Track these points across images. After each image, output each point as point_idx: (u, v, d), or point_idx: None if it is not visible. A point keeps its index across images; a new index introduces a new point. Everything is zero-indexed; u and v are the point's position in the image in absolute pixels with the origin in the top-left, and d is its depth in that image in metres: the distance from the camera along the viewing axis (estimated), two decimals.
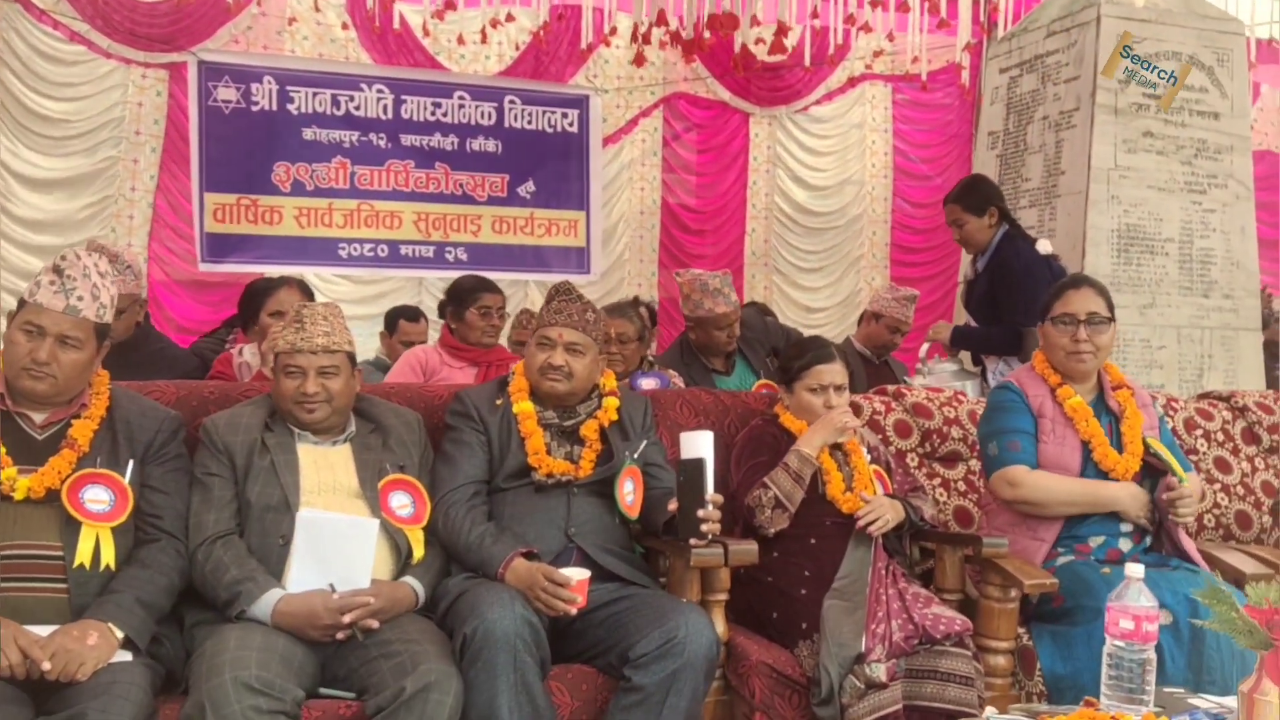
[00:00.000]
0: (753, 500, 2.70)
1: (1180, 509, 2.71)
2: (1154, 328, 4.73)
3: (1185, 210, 4.79)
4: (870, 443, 2.99)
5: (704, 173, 7.59)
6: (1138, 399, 2.95)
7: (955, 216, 4.16)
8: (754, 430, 2.91)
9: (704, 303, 3.94)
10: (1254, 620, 1.72)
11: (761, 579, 2.68)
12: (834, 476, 2.77)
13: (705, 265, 7.52)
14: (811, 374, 2.84)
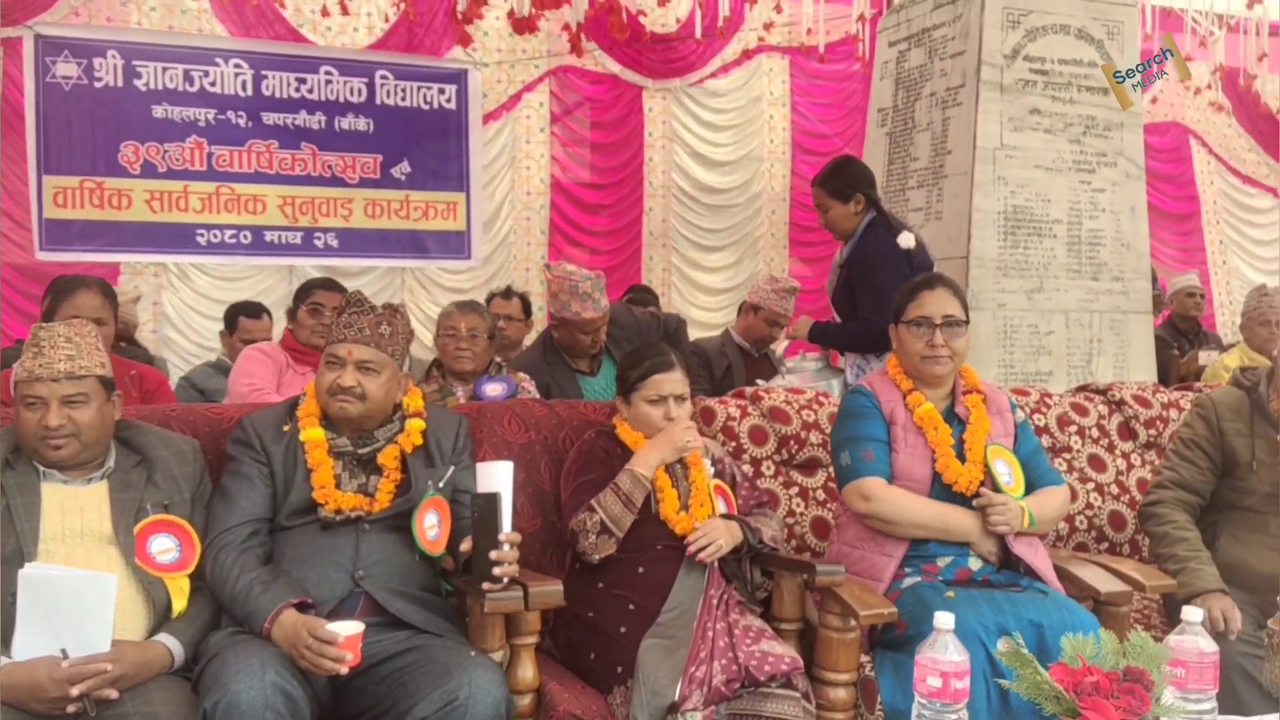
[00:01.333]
0: (577, 525, 2.49)
1: (992, 516, 2.55)
2: (1042, 312, 4.57)
3: (1073, 190, 4.64)
4: (715, 454, 2.79)
5: (597, 149, 7.28)
6: (991, 405, 2.77)
7: (820, 201, 3.96)
8: (585, 445, 2.69)
9: (571, 304, 3.71)
10: (1060, 686, 1.52)
11: (582, 615, 2.45)
12: (668, 495, 2.57)
13: (602, 244, 7.29)
14: (649, 384, 2.64)
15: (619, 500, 2.48)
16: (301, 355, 3.72)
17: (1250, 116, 8.53)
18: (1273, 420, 2.88)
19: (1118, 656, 1.59)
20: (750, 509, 2.72)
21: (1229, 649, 2.55)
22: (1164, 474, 3.00)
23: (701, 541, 2.47)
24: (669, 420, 2.63)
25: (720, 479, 2.72)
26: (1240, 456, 2.88)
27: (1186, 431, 3.01)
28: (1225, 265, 8.93)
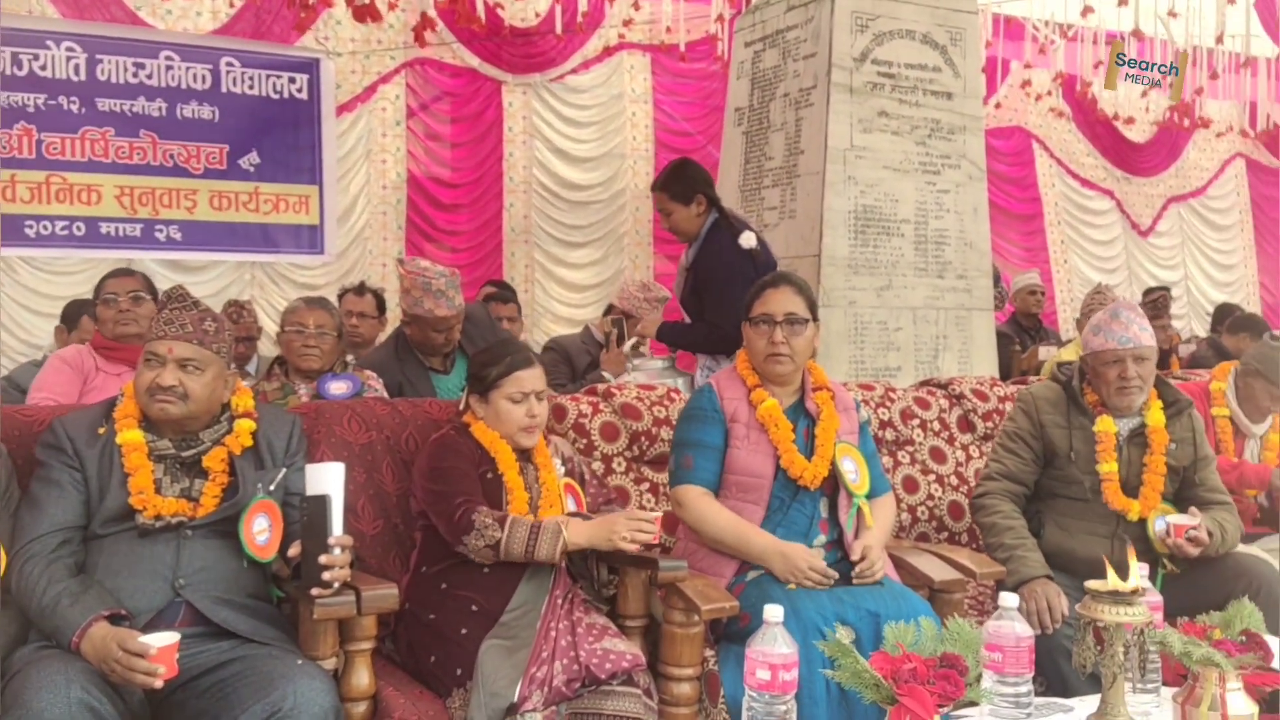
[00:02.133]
0: (479, 521, 2.36)
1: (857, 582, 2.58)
2: (891, 309, 4.69)
3: (920, 191, 4.76)
4: (565, 453, 2.76)
5: (457, 144, 7.16)
6: (839, 402, 2.82)
7: (662, 205, 3.96)
8: (446, 438, 2.58)
9: (424, 301, 3.62)
10: (879, 674, 1.55)
11: (423, 617, 2.39)
12: (518, 496, 2.51)
13: (460, 242, 7.17)
14: (511, 381, 2.57)
15: (524, 544, 2.36)
16: (113, 353, 3.51)
17: (1089, 122, 8.96)
18: (1087, 412, 3.02)
19: (936, 643, 1.63)
20: (598, 506, 2.70)
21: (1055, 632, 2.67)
22: (991, 466, 3.11)
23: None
24: (531, 417, 2.57)
25: (570, 477, 2.69)
26: (1060, 447, 3.02)
27: (1010, 425, 3.14)
28: (1066, 264, 9.36)
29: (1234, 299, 9.49)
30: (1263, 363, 3.61)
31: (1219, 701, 1.71)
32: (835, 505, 2.71)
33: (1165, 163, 9.65)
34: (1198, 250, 10.08)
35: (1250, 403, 3.65)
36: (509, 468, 2.53)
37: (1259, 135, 8.99)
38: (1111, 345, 2.96)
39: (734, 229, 3.86)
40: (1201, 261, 10.08)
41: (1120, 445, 2.98)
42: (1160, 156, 9.60)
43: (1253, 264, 10.38)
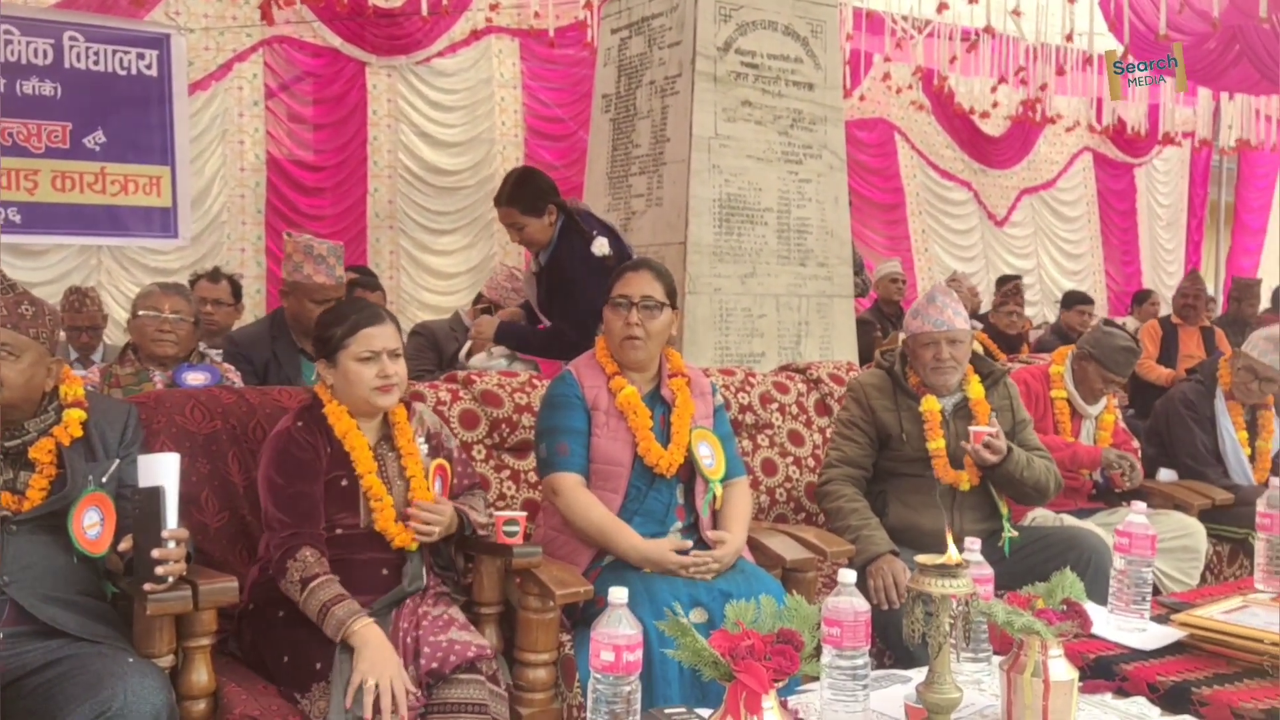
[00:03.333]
0: (289, 571, 2.20)
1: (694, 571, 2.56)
2: (755, 296, 4.76)
3: (783, 180, 4.84)
4: (431, 426, 2.59)
5: (319, 126, 6.97)
6: (695, 387, 2.85)
7: (512, 220, 3.81)
8: (281, 442, 2.35)
9: (304, 266, 3.52)
10: (718, 652, 1.57)
11: (270, 615, 2.30)
12: (384, 504, 2.35)
13: (324, 227, 6.97)
14: (360, 339, 2.37)
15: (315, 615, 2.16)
16: None
17: (947, 116, 9.26)
18: (912, 393, 3.17)
19: (775, 620, 1.67)
20: (461, 490, 2.63)
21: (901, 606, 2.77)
22: (831, 454, 3.22)
23: (421, 520, 2.36)
24: (384, 378, 2.35)
25: (438, 455, 2.54)
26: (891, 429, 3.15)
27: (844, 413, 3.26)
28: (927, 253, 9.67)
29: (1082, 286, 9.97)
30: (1095, 347, 3.80)
31: (1041, 668, 1.80)
32: (691, 491, 2.75)
33: (1018, 156, 10.06)
34: (1049, 240, 10.55)
35: (1085, 385, 3.84)
36: (366, 468, 2.36)
37: (1105, 130, 9.43)
38: (927, 328, 3.10)
39: (585, 234, 3.79)
40: (1052, 250, 10.55)
41: (946, 421, 3.13)
42: (1014, 150, 10.00)
43: (1099, 253, 10.92)
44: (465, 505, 2.54)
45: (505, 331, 3.91)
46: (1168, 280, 10.77)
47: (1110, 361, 3.75)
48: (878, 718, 1.88)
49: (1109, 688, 2.07)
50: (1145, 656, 2.19)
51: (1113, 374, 3.77)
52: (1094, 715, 1.93)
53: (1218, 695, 1.96)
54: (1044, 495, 3.19)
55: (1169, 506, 3.82)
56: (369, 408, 2.40)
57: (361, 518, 2.36)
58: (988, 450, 3.03)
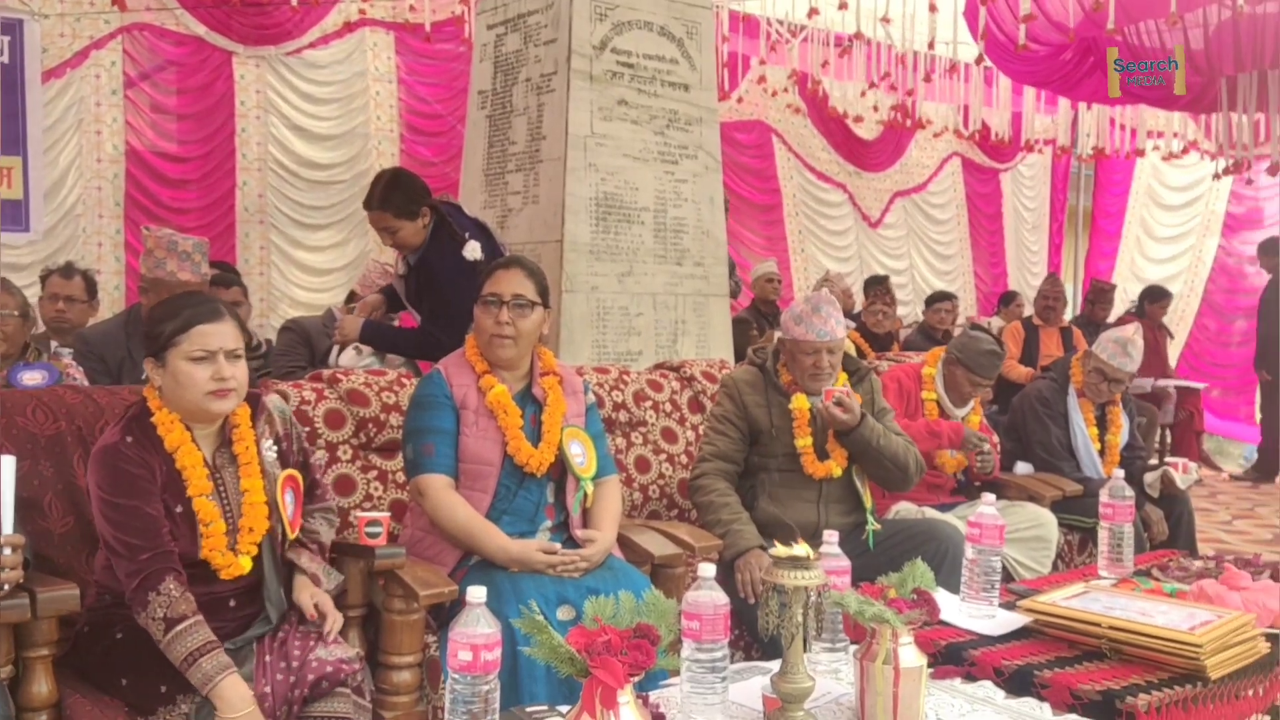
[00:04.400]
0: (151, 605, 2.02)
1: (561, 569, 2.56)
2: (632, 295, 4.78)
3: (659, 180, 4.88)
4: (280, 428, 2.38)
5: (183, 116, 6.72)
6: (566, 385, 2.85)
7: (384, 224, 3.71)
8: (108, 455, 2.13)
9: (167, 262, 3.39)
10: (572, 646, 1.58)
11: (108, 639, 2.13)
12: (214, 530, 2.14)
13: (189, 220, 6.75)
14: (193, 336, 2.14)
15: (179, 661, 2.00)
16: None
17: (822, 119, 9.47)
18: (783, 391, 3.24)
19: (633, 615, 1.68)
20: (313, 500, 2.45)
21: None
22: (704, 449, 3.27)
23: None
24: (219, 381, 2.13)
25: (287, 465, 2.34)
26: (762, 425, 3.22)
27: (717, 409, 3.32)
28: (804, 253, 9.87)
29: (952, 287, 10.31)
30: (962, 351, 3.94)
31: (893, 655, 1.85)
32: (562, 490, 2.75)
33: (891, 159, 10.35)
34: (920, 241, 10.88)
35: (955, 389, 3.98)
36: (198, 489, 2.14)
37: (971, 136, 9.77)
38: (810, 337, 3.18)
39: (457, 237, 3.73)
40: (924, 252, 10.89)
41: (815, 418, 3.21)
42: (886, 154, 10.29)
43: (968, 255, 11.32)
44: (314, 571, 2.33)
45: (371, 331, 3.81)
46: (1032, 281, 11.22)
47: (976, 365, 3.89)
48: (737, 709, 1.91)
49: (958, 673, 2.15)
50: (993, 642, 2.27)
51: (980, 377, 3.91)
52: (943, 700, 2.00)
53: (1058, 678, 2.05)
54: (904, 473, 3.27)
55: (1024, 498, 3.98)
56: (202, 414, 2.19)
57: (195, 544, 2.14)
58: (839, 408, 3.10)
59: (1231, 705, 2.12)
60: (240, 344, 2.23)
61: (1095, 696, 1.98)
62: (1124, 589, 2.56)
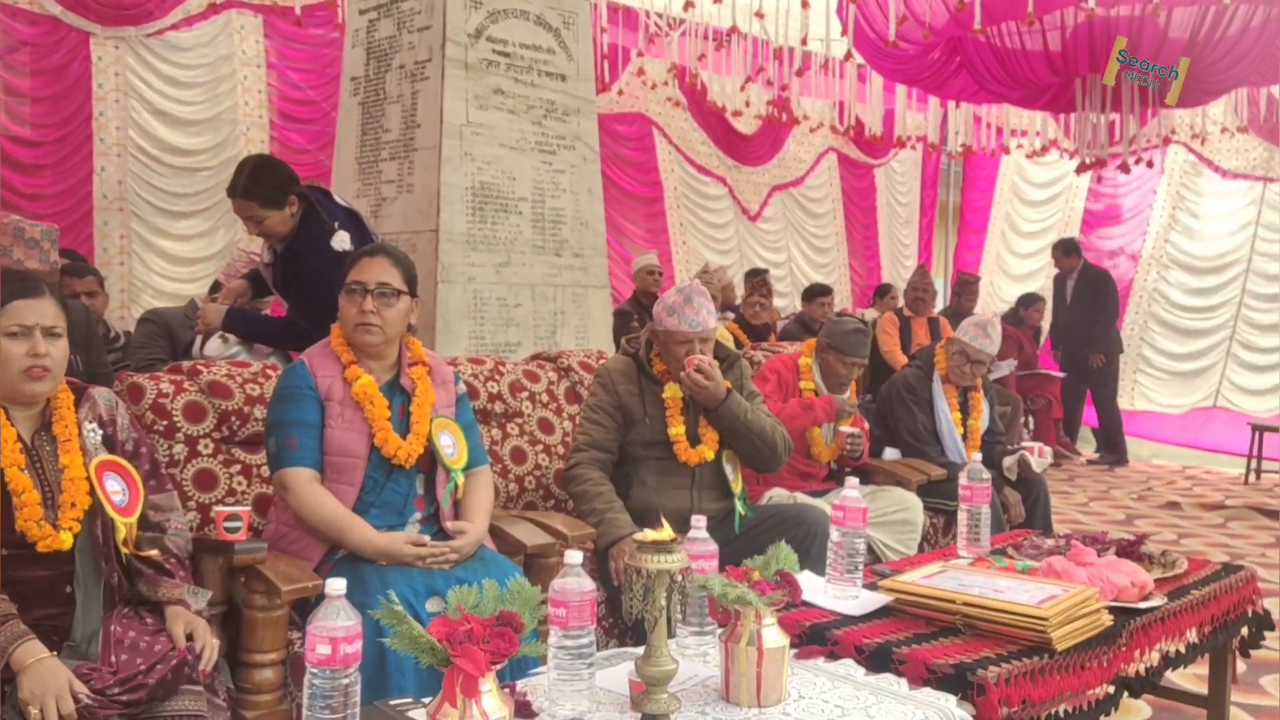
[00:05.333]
0: None
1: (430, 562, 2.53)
2: (510, 286, 4.75)
3: (537, 170, 4.85)
4: (104, 413, 2.25)
5: (38, 99, 6.39)
6: (436, 376, 2.81)
7: (250, 213, 3.59)
8: None
9: (13, 250, 3.24)
10: (434, 636, 1.57)
11: None
12: (27, 500, 2.04)
13: (43, 207, 6.43)
14: (9, 312, 2.07)
15: None
16: None
17: (702, 112, 9.55)
18: (656, 380, 3.28)
19: (497, 603, 1.67)
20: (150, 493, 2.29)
21: None
22: (579, 439, 3.28)
23: None
24: (35, 357, 2.06)
25: (115, 451, 2.21)
26: (636, 414, 3.25)
27: (592, 399, 3.34)
28: (685, 245, 9.96)
29: (829, 279, 10.55)
30: (829, 336, 4.04)
31: (756, 637, 1.89)
32: (432, 481, 2.72)
33: (769, 154, 10.51)
34: (798, 235, 11.09)
35: (831, 376, 4.07)
36: (8, 460, 2.06)
37: (846, 132, 10.00)
38: (683, 328, 3.21)
39: (326, 226, 3.63)
40: (801, 245, 11.10)
41: (687, 406, 3.25)
42: (765, 148, 10.45)
43: (844, 248, 11.58)
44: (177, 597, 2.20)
45: (235, 320, 3.69)
46: (904, 274, 11.53)
47: (845, 346, 3.99)
48: (604, 695, 1.92)
49: (822, 652, 2.20)
50: (855, 621, 2.34)
51: (851, 356, 4.01)
52: (806, 678, 2.04)
53: (915, 653, 2.12)
54: (773, 451, 3.30)
55: (891, 483, 4.10)
56: (17, 394, 2.11)
57: (11, 515, 2.04)
58: (699, 374, 3.13)
59: (1077, 675, 2.23)
60: (60, 323, 2.15)
61: (949, 670, 2.05)
62: (980, 567, 2.65)
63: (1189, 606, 2.65)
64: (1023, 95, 7.41)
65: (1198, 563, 2.98)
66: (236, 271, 4.80)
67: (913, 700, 1.96)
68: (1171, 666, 2.62)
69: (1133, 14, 6.06)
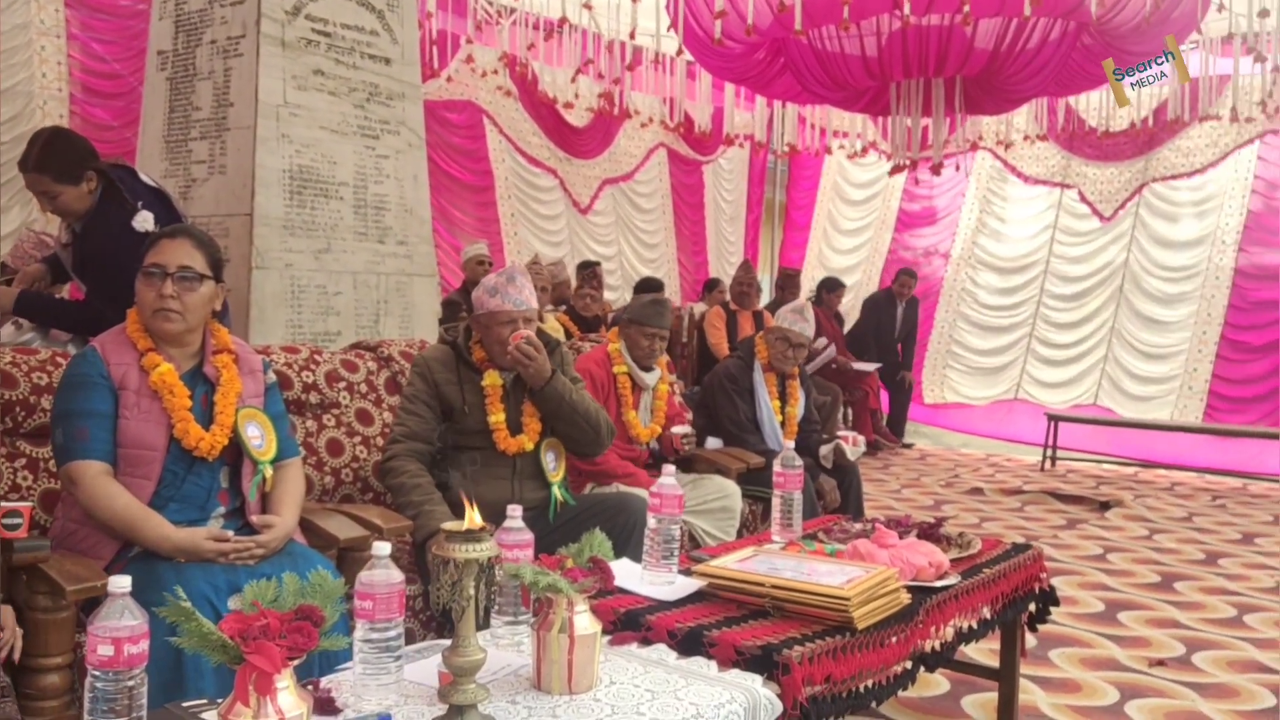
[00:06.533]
0: None
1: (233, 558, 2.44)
2: (330, 273, 4.62)
3: (359, 155, 4.74)
4: None
5: None
6: (243, 365, 2.70)
7: (43, 188, 3.41)
8: None
9: None
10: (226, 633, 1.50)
11: None
12: None
13: None
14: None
15: None
16: None
17: (533, 103, 9.50)
18: (475, 368, 3.25)
19: (297, 597, 1.62)
20: None
21: None
22: (396, 430, 3.22)
23: None
24: None
25: None
26: (454, 403, 3.21)
27: (409, 389, 3.28)
28: (516, 236, 9.89)
29: (658, 273, 10.68)
30: (630, 312, 4.10)
31: (568, 624, 1.89)
32: (238, 474, 2.61)
33: (600, 147, 10.55)
34: (628, 229, 11.18)
35: (639, 350, 4.09)
36: None
37: (676, 128, 10.13)
38: (507, 307, 3.18)
39: (128, 205, 3.45)
40: (631, 239, 11.20)
41: (507, 394, 3.23)
42: (596, 141, 10.48)
43: (673, 243, 11.75)
44: None
45: (28, 303, 3.46)
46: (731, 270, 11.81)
47: (645, 318, 4.05)
48: (412, 687, 1.88)
49: (636, 638, 2.22)
50: (669, 607, 2.37)
51: (654, 327, 4.06)
52: (618, 664, 2.06)
53: (724, 636, 2.17)
54: (597, 433, 3.30)
55: (712, 471, 4.19)
56: None
57: None
58: (527, 351, 3.11)
59: (877, 652, 2.33)
60: None
61: (756, 651, 2.10)
62: (791, 551, 2.74)
63: (981, 584, 2.80)
64: (843, 97, 7.68)
65: (990, 543, 3.16)
66: (24, 253, 4.49)
67: (721, 682, 2.01)
68: (965, 641, 2.77)
69: (943, 22, 6.35)
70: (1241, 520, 6.62)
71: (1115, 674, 3.70)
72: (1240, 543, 5.97)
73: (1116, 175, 10.51)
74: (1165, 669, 3.76)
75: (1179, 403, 9.71)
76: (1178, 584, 4.98)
